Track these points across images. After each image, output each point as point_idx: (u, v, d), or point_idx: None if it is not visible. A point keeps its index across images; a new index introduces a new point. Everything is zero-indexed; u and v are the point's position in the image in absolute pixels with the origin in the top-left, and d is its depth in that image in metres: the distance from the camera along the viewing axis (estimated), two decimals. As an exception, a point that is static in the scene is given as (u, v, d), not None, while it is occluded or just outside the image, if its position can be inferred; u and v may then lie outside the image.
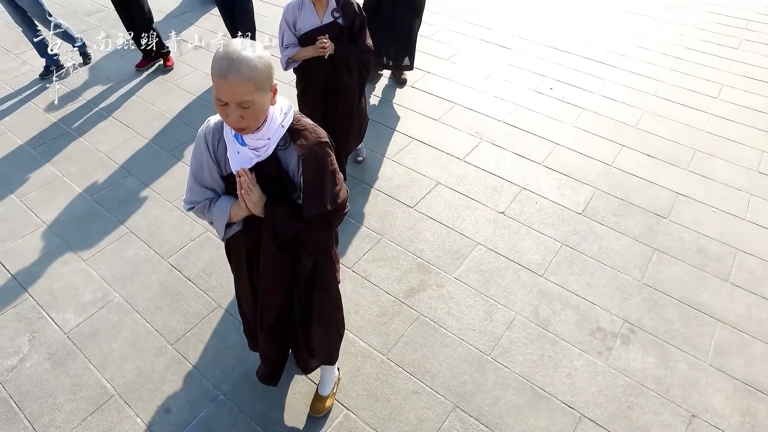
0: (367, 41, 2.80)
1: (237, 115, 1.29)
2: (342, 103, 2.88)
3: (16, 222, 3.18)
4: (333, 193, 1.54)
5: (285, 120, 1.46)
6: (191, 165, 1.58)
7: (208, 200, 1.61)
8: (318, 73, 2.77)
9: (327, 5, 2.65)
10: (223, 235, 1.63)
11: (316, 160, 1.49)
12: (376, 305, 2.68)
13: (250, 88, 1.25)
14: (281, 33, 2.71)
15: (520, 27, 5.44)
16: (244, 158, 1.47)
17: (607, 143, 3.83)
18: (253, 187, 1.47)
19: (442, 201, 3.31)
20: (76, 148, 3.78)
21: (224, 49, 1.25)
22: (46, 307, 2.69)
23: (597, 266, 2.90)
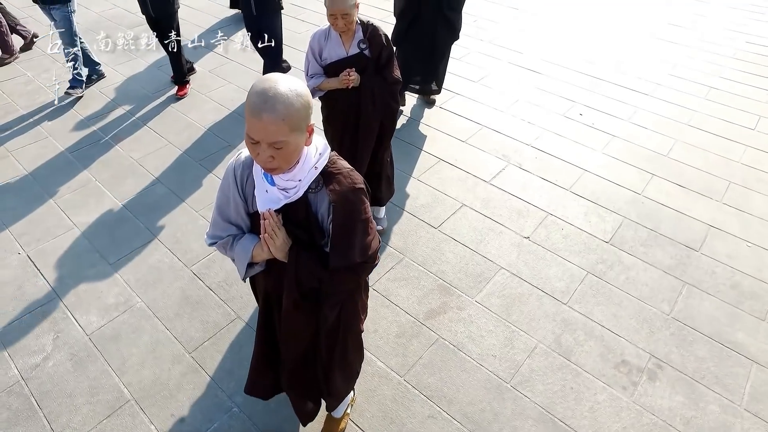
0: (394, 73, 2.71)
1: (268, 155, 1.20)
2: (363, 135, 2.78)
3: (50, 223, 3.27)
4: (363, 244, 1.43)
5: (319, 161, 1.37)
6: (217, 198, 1.51)
7: (232, 237, 1.53)
8: (342, 103, 2.71)
9: (353, 36, 2.59)
10: (244, 274, 1.55)
11: (349, 207, 1.39)
12: (395, 325, 2.65)
13: (285, 128, 1.16)
14: (307, 62, 2.66)
15: (551, 52, 5.43)
16: (272, 198, 1.38)
17: (636, 171, 3.76)
18: (278, 231, 1.39)
19: (467, 223, 3.28)
20: (110, 154, 3.90)
21: (261, 84, 1.16)
22: (71, 307, 2.74)
23: (623, 297, 2.82)
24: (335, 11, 2.38)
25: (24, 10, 5.96)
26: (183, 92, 4.65)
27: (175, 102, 4.55)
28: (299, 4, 6.55)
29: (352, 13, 2.40)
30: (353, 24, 2.48)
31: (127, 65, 5.09)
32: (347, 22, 2.42)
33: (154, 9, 4.12)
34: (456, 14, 3.90)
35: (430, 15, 3.80)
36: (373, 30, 2.60)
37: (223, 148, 3.97)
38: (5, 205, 3.41)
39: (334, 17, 2.41)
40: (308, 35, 5.66)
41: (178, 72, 4.61)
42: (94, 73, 4.79)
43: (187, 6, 6.39)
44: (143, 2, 4.10)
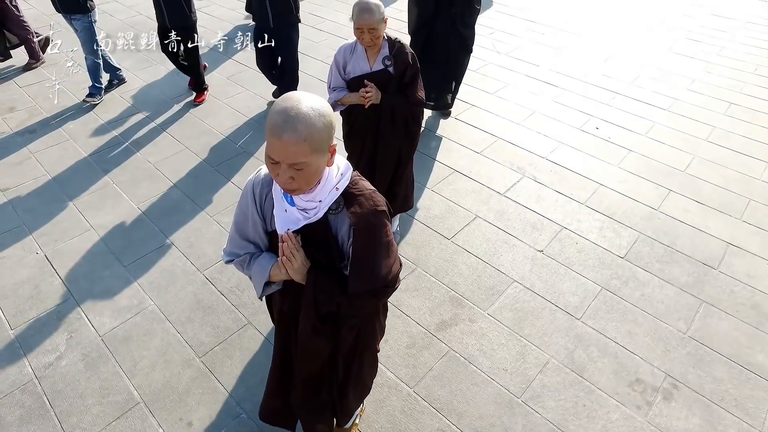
0: (418, 93, 2.62)
1: (288, 176, 1.17)
2: (382, 158, 2.74)
3: (68, 224, 3.32)
4: (384, 269, 1.38)
5: (341, 182, 1.33)
6: (236, 215, 1.48)
7: (249, 255, 1.51)
8: (362, 121, 2.67)
9: (379, 52, 2.53)
10: (261, 293, 1.52)
11: (370, 230, 1.35)
12: (406, 336, 2.63)
13: (306, 149, 1.12)
14: (330, 74, 2.64)
15: (567, 65, 5.41)
16: (291, 218, 1.35)
17: (653, 187, 3.71)
18: (296, 253, 1.35)
19: (480, 235, 3.26)
20: (129, 158, 3.96)
21: (282, 102, 1.13)
22: (85, 308, 2.77)
23: (638, 314, 2.77)
24: (362, 25, 2.34)
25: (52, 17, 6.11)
26: (201, 99, 4.70)
27: (193, 108, 4.62)
28: (318, 14, 6.63)
29: (379, 28, 2.35)
30: (380, 39, 2.43)
31: (147, 71, 5.18)
32: (374, 36, 2.38)
33: (171, 21, 4.15)
34: (469, 30, 3.90)
35: (444, 32, 3.78)
36: (399, 47, 2.53)
37: (239, 155, 4.00)
38: (26, 205, 3.47)
39: (360, 31, 2.37)
40: (325, 45, 5.77)
41: (196, 79, 4.66)
42: (115, 78, 4.88)
43: (206, 14, 6.50)
44: (160, 14, 4.14)
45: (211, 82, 4.97)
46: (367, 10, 2.30)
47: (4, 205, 3.47)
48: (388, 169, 2.81)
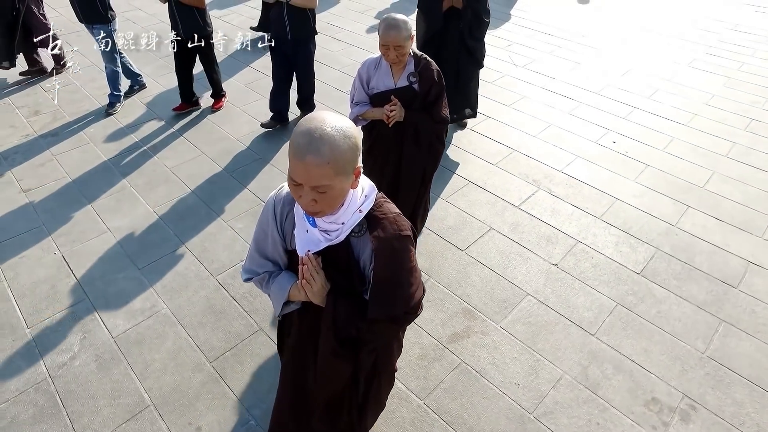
0: (442, 111, 2.56)
1: (310, 198, 1.14)
2: (405, 175, 2.68)
3: (85, 226, 3.37)
4: (406, 295, 1.34)
5: (365, 204, 1.30)
6: (256, 232, 1.45)
7: (268, 273, 1.48)
8: (385, 137, 2.61)
9: (404, 68, 2.48)
10: (279, 311, 1.49)
11: (393, 255, 1.31)
12: (417, 347, 2.61)
13: (330, 172, 1.09)
14: (353, 89, 2.60)
15: (584, 79, 5.39)
16: (312, 239, 1.31)
17: (671, 202, 3.66)
18: (316, 276, 1.32)
19: (494, 247, 3.24)
20: (146, 162, 4.01)
21: (306, 123, 1.10)
22: (99, 309, 2.80)
23: (655, 331, 2.71)
24: (388, 42, 2.29)
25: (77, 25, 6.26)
26: (219, 105, 4.75)
27: (211, 114, 4.68)
28: (335, 24, 6.71)
29: (405, 45, 2.31)
30: (405, 56, 2.39)
31: (166, 77, 5.27)
32: (399, 54, 2.33)
33: (186, 33, 4.17)
34: (478, 43, 3.87)
35: (453, 45, 3.76)
36: (425, 64, 2.49)
37: (254, 161, 4.04)
38: (46, 206, 3.54)
39: (386, 47, 2.33)
40: (342, 54, 5.82)
41: (214, 85, 4.71)
42: (135, 84, 4.97)
43: (225, 23, 6.61)
44: (175, 26, 4.16)
45: (229, 89, 5.03)
46: (394, 26, 2.26)
47: (25, 205, 3.54)
48: (414, 190, 2.75)
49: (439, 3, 3.60)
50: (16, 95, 4.94)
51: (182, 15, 4.09)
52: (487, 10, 3.75)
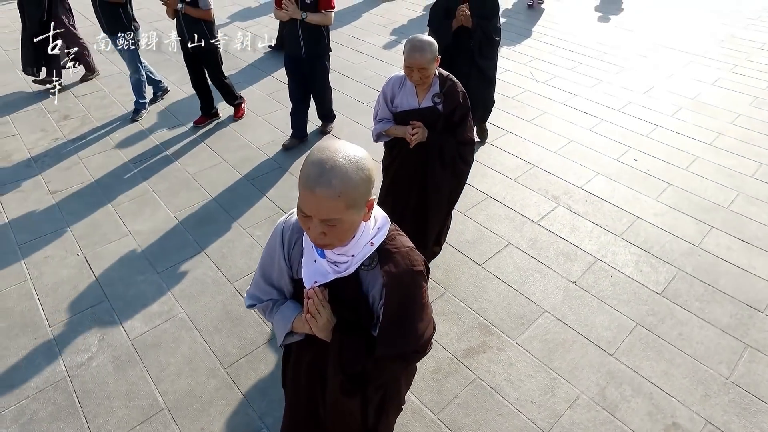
0: (467, 133, 2.51)
1: (319, 231, 1.09)
2: (432, 197, 2.63)
3: (107, 228, 3.44)
4: (416, 333, 1.29)
5: (376, 237, 1.24)
6: (262, 257, 1.40)
7: (272, 301, 1.43)
8: (406, 157, 2.56)
9: (429, 88, 2.43)
10: (282, 341, 1.43)
11: (403, 292, 1.26)
12: (432, 360, 2.58)
13: (340, 205, 1.04)
14: (377, 105, 2.56)
15: (606, 96, 5.35)
16: (320, 270, 1.26)
17: (694, 222, 3.59)
18: (322, 310, 1.26)
19: (512, 262, 3.21)
20: (168, 167, 4.09)
21: (318, 153, 1.05)
22: (118, 311, 2.84)
23: (676, 354, 2.65)
24: (412, 63, 2.25)
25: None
26: (240, 114, 4.78)
27: (233, 122, 4.75)
28: (357, 36, 6.79)
29: (429, 68, 2.27)
30: (430, 78, 2.36)
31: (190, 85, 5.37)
32: (423, 76, 2.30)
33: (194, 46, 4.14)
34: (488, 62, 3.78)
35: (463, 64, 3.68)
36: (451, 85, 2.44)
37: (274, 170, 4.09)
38: (71, 208, 3.62)
39: (410, 69, 2.29)
40: (363, 66, 5.89)
41: (229, 96, 4.65)
42: (158, 90, 5.08)
43: (251, 33, 6.73)
44: (183, 38, 4.14)
45: (251, 98, 5.12)
46: (419, 49, 2.22)
47: (52, 206, 3.63)
48: (441, 212, 2.72)
49: (448, 22, 3.56)
50: (48, 100, 5.09)
51: (190, 29, 4.06)
52: (497, 29, 3.68)
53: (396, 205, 2.72)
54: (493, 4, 3.58)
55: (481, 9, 3.52)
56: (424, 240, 2.81)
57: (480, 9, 3.52)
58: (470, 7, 3.44)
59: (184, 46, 4.17)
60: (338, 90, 5.33)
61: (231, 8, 7.80)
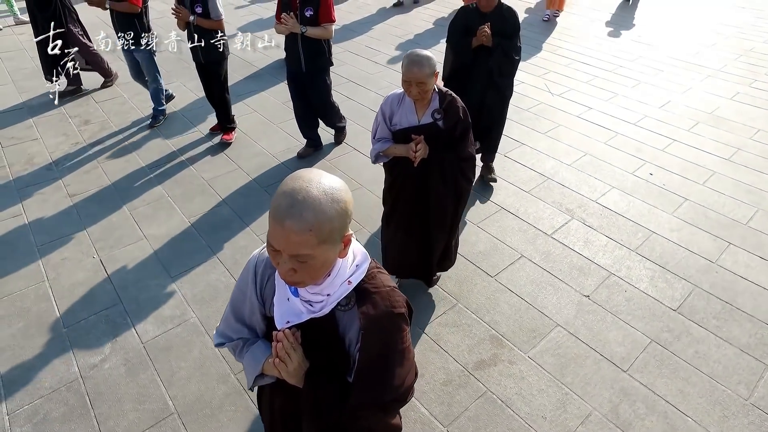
0: (468, 149, 2.46)
1: (289, 267, 1.01)
2: (435, 214, 2.59)
3: (123, 232, 3.48)
4: (395, 381, 1.18)
5: (355, 275, 1.15)
6: (233, 293, 1.31)
7: (242, 340, 1.33)
8: (408, 177, 2.51)
9: (429, 104, 2.39)
10: (252, 384, 1.33)
11: (382, 336, 1.16)
12: (442, 372, 2.57)
13: (311, 240, 0.96)
14: (376, 124, 2.50)
15: (622, 109, 5.32)
16: (293, 309, 1.17)
17: (711, 238, 3.53)
18: (293, 354, 1.15)
19: (525, 275, 3.18)
20: (184, 173, 4.14)
21: (291, 182, 0.97)
22: (131, 314, 2.87)
23: (692, 372, 2.60)
24: (410, 78, 2.21)
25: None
26: (229, 137, 4.57)
27: (250, 128, 4.80)
28: (374, 47, 6.85)
29: (427, 82, 2.23)
30: (428, 93, 2.31)
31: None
32: (422, 90, 2.25)
33: (204, 56, 4.13)
34: (506, 80, 3.68)
35: (480, 82, 3.59)
36: (450, 101, 2.40)
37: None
38: (88, 211, 3.68)
39: (408, 84, 2.25)
40: (379, 77, 5.93)
41: (224, 116, 4.53)
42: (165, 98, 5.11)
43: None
44: (194, 51, 4.12)
45: (266, 105, 5.18)
46: (417, 63, 2.18)
47: (70, 209, 3.70)
48: (445, 230, 2.68)
49: (468, 39, 3.46)
50: (71, 105, 5.21)
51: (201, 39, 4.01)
52: (517, 48, 3.57)
53: (399, 227, 2.70)
54: (514, 23, 3.49)
55: (502, 28, 3.43)
56: (430, 259, 2.78)
57: (501, 28, 3.43)
58: (491, 25, 3.36)
59: (196, 57, 4.16)
60: (353, 99, 5.38)
61: (247, 17, 7.93)
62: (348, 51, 6.71)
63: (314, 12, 3.59)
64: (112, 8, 4.24)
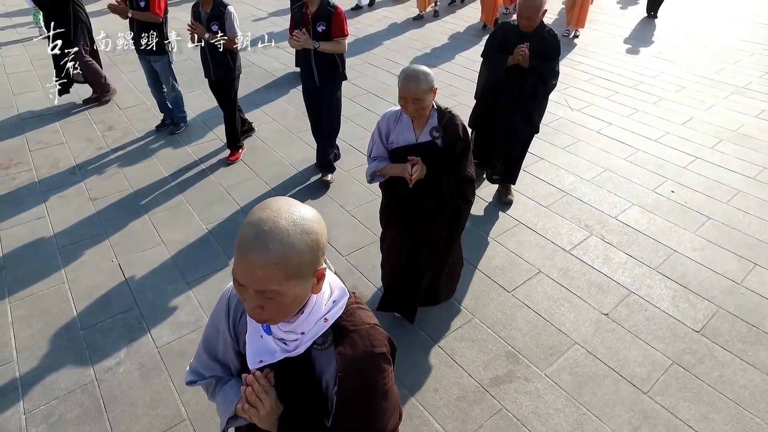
0: (467, 170, 2.33)
1: (255, 303, 0.94)
2: (430, 237, 2.49)
3: (142, 237, 3.53)
4: (377, 426, 1.10)
5: (332, 312, 1.07)
6: (206, 327, 1.24)
7: (215, 379, 1.25)
8: (404, 197, 2.39)
9: (427, 122, 2.28)
10: (225, 426, 1.23)
11: (361, 378, 1.07)
12: (457, 387, 2.52)
13: (278, 275, 0.89)
14: (371, 142, 2.39)
15: (643, 126, 5.25)
16: (266, 348, 1.08)
17: (735, 258, 3.44)
18: (265, 397, 1.05)
19: (542, 291, 3.13)
20: (203, 180, 4.19)
21: (258, 212, 0.91)
22: (147, 319, 2.89)
23: (716, 397, 2.51)
24: (406, 94, 2.12)
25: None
26: (234, 158, 4.48)
27: (268, 137, 4.85)
28: (393, 59, 6.90)
29: (425, 99, 2.12)
30: (426, 110, 2.21)
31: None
32: (419, 107, 2.15)
33: (216, 74, 4.11)
34: (538, 105, 3.57)
35: (509, 103, 3.48)
36: (449, 119, 2.28)
37: (305, 187, 4.14)
38: (109, 215, 3.74)
39: (404, 100, 2.15)
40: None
41: (231, 135, 4.46)
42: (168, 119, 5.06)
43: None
44: (206, 67, 4.12)
45: (285, 115, 5.23)
46: (413, 78, 2.09)
47: (91, 213, 3.76)
48: (438, 255, 2.58)
49: (504, 57, 3.32)
50: (95, 110, 5.33)
51: (214, 57, 4.01)
52: (556, 73, 3.40)
53: (393, 247, 2.63)
54: (554, 46, 3.31)
55: (540, 49, 3.27)
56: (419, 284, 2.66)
57: (540, 49, 3.26)
58: (530, 46, 3.20)
59: (208, 74, 4.16)
60: (372, 111, 5.41)
61: (269, 28, 8.05)
62: (367, 63, 6.77)
63: (326, 27, 3.57)
64: (133, 17, 4.31)
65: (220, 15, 3.86)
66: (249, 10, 9.10)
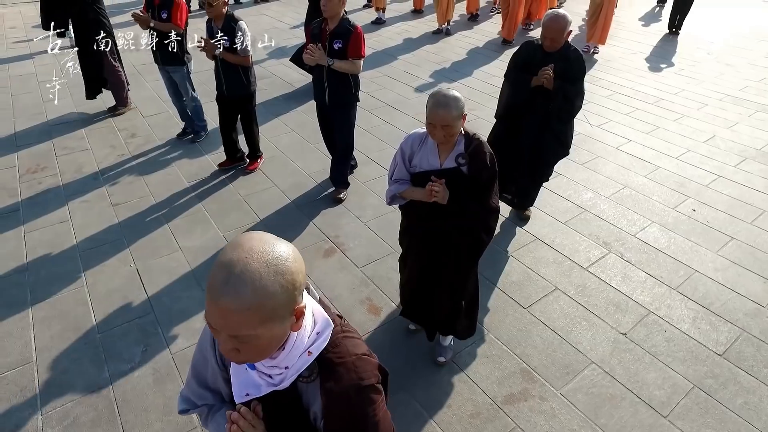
0: (493, 199, 2.23)
1: (230, 347, 0.90)
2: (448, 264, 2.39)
3: (160, 243, 3.58)
4: None
5: (315, 344, 1.03)
6: (194, 355, 1.20)
7: (207, 407, 1.22)
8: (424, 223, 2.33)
9: (453, 148, 2.18)
10: None
11: (349, 412, 1.03)
12: (470, 403, 2.49)
13: (252, 320, 0.85)
14: (393, 164, 2.31)
15: (663, 143, 5.18)
16: (252, 381, 1.06)
17: (761, 281, 3.35)
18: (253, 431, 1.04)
19: (558, 308, 3.08)
20: (221, 188, 4.24)
21: (229, 253, 0.87)
22: (162, 324, 2.91)
23: (741, 425, 2.43)
24: (435, 120, 2.02)
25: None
26: (253, 167, 4.52)
27: (287, 147, 4.90)
28: (412, 72, 6.94)
29: (454, 126, 2.03)
30: (454, 137, 2.12)
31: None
32: (447, 134, 2.05)
33: (229, 90, 4.10)
34: (565, 126, 3.46)
35: (534, 124, 3.37)
36: (477, 146, 2.17)
37: (322, 198, 4.16)
38: (129, 221, 3.81)
39: (432, 126, 2.05)
40: (417, 101, 5.99)
41: (252, 147, 4.51)
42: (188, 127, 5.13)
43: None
44: (219, 83, 4.11)
45: (303, 126, 5.29)
46: (444, 105, 1.99)
47: (112, 218, 3.83)
48: (454, 286, 2.48)
49: (526, 76, 3.24)
50: (119, 118, 5.46)
51: (227, 73, 4.01)
52: (582, 94, 3.33)
53: (412, 272, 2.56)
54: (579, 66, 3.23)
55: (565, 70, 3.18)
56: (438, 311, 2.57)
57: (564, 70, 3.17)
58: (554, 67, 3.11)
59: (220, 88, 4.14)
60: (390, 123, 5.44)
61: (291, 40, 8.19)
62: (386, 75, 6.82)
63: (343, 45, 3.52)
64: (155, 27, 4.38)
65: (232, 30, 3.87)
66: (271, 22, 9.28)
